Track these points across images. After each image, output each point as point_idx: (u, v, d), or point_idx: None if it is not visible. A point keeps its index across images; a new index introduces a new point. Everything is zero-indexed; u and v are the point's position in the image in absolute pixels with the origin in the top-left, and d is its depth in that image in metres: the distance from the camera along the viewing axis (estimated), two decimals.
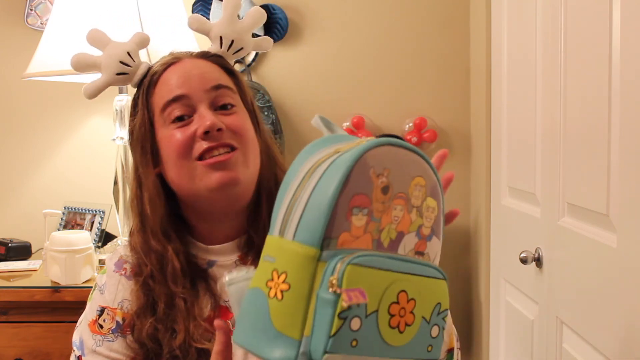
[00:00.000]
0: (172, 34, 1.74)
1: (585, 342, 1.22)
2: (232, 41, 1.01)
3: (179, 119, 0.92)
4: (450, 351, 0.96)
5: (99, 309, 0.96)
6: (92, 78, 2.03)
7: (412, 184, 0.64)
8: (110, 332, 0.94)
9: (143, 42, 1.00)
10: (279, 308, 0.59)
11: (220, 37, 1.00)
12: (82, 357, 0.94)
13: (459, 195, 2.08)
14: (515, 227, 1.66)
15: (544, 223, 1.43)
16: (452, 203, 2.30)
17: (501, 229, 1.81)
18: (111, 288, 0.96)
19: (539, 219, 1.47)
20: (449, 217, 0.81)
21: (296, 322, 0.58)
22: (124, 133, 1.84)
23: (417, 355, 0.63)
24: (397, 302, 0.60)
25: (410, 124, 2.07)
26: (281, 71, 2.08)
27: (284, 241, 0.61)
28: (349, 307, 0.56)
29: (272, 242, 0.62)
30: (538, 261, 1.45)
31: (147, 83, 0.97)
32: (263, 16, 1.04)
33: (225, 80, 0.97)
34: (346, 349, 0.57)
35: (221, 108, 0.94)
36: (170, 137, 0.92)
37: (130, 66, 0.98)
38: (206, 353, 0.88)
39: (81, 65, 0.99)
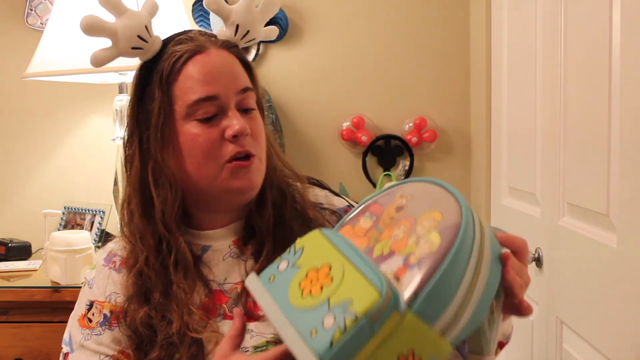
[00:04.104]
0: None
1: (585, 342, 1.22)
2: (248, 31, 0.98)
3: (207, 118, 0.91)
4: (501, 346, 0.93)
5: (88, 303, 0.95)
6: (93, 81, 2.03)
7: (426, 214, 0.68)
8: (98, 325, 0.93)
9: (154, 11, 0.95)
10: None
11: (237, 25, 0.97)
12: (70, 354, 0.94)
13: None
14: (515, 227, 1.66)
15: (544, 223, 1.43)
16: None
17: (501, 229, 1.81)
18: (100, 282, 0.96)
19: (539, 219, 1.46)
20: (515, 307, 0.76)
21: None
22: (124, 133, 1.84)
23: (300, 328, 0.61)
24: (317, 270, 0.67)
25: (410, 124, 2.07)
26: (281, 71, 2.08)
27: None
28: (289, 251, 0.72)
29: None
30: (538, 261, 1.45)
31: (168, 69, 0.92)
32: (277, 6, 1.01)
33: (247, 78, 0.96)
34: (265, 279, 0.72)
35: (244, 110, 0.94)
36: (194, 135, 0.90)
37: (147, 42, 0.92)
38: (199, 342, 0.88)
39: (94, 29, 0.91)
